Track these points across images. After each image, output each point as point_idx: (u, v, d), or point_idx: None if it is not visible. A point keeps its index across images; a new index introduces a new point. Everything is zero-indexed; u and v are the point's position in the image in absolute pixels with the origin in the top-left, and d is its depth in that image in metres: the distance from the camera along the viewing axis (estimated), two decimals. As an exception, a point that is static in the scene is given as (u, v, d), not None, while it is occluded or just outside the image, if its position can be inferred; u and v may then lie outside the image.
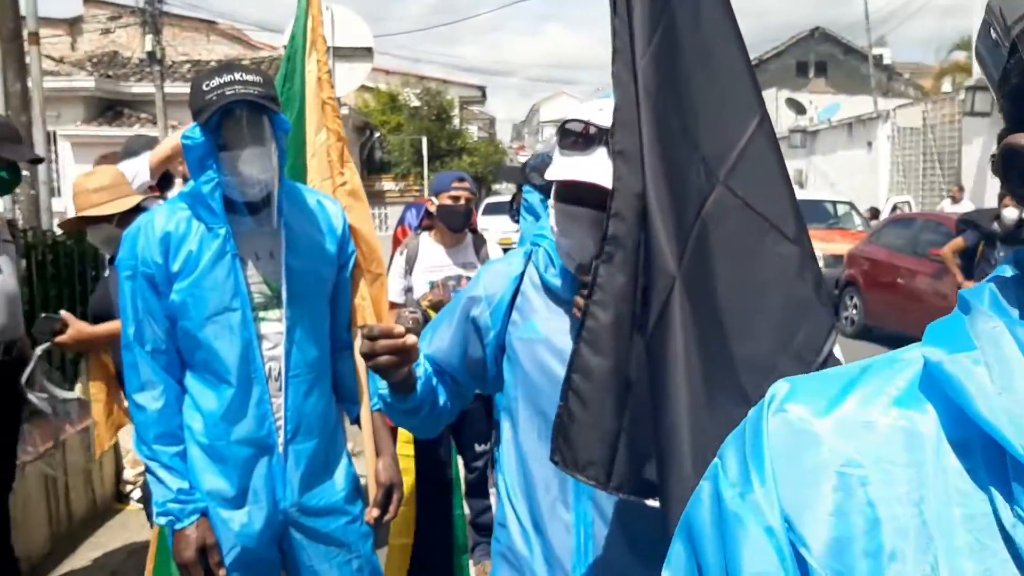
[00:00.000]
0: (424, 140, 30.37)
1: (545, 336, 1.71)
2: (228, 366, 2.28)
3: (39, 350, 3.41)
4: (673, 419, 1.34)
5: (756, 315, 1.44)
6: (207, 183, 2.23)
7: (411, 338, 1.57)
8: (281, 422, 2.35)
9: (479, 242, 4.37)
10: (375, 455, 2.56)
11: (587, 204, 1.61)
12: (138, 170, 4.39)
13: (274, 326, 2.33)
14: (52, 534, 4.68)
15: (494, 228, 11.40)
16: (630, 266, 1.43)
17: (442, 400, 1.85)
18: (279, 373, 2.33)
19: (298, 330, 2.35)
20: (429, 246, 4.25)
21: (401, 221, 4.80)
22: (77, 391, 3.79)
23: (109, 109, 20.97)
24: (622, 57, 1.48)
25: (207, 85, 2.19)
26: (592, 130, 1.62)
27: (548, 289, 1.74)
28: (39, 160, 3.75)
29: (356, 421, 2.63)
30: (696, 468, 1.31)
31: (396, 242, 4.58)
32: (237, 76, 2.20)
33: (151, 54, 18.46)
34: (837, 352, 1.51)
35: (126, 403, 3.48)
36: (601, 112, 1.61)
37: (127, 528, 4.99)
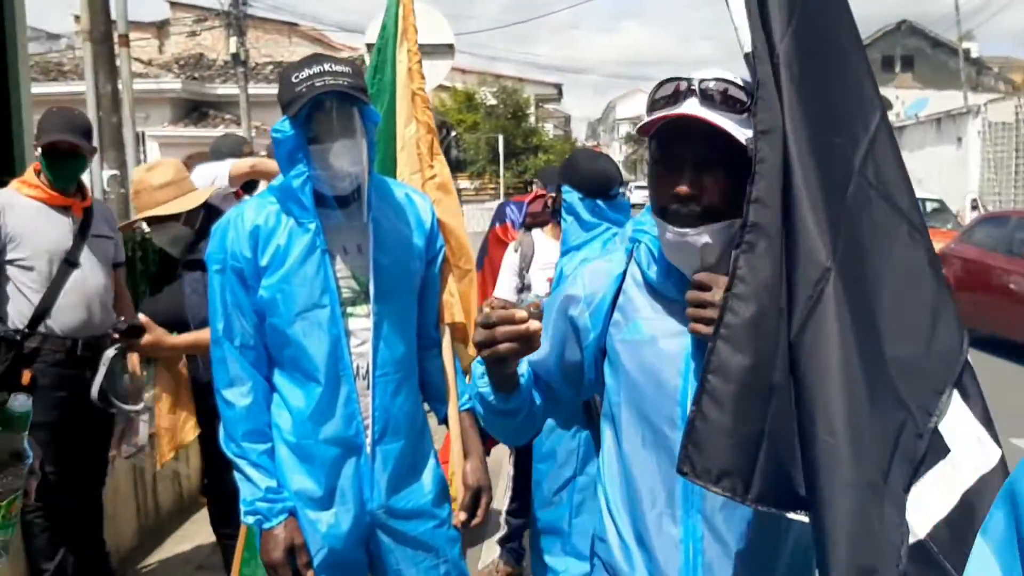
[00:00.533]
0: (500, 138, 30.42)
1: (650, 337, 1.61)
2: (317, 364, 2.24)
3: (106, 356, 3.23)
4: (830, 423, 1.24)
5: (901, 312, 1.34)
6: (297, 177, 2.20)
7: (534, 324, 1.46)
8: (368, 421, 2.30)
9: None
10: (463, 457, 2.49)
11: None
12: (218, 174, 4.45)
13: (362, 322, 2.28)
14: (140, 527, 4.76)
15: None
16: (774, 256, 1.33)
17: (537, 403, 1.75)
18: (367, 371, 2.29)
19: (386, 326, 2.30)
20: (544, 242, 4.06)
21: (501, 218, 4.68)
22: (147, 398, 3.72)
23: (195, 110, 21.48)
24: (758, 31, 1.40)
25: (296, 77, 2.16)
26: (683, 85, 1.53)
27: (652, 288, 1.64)
28: (93, 151, 3.63)
29: (443, 421, 2.57)
30: (858, 476, 1.22)
31: (496, 241, 4.49)
32: (326, 67, 2.16)
33: (235, 56, 18.85)
34: None
35: (192, 420, 3.35)
36: (697, 72, 1.54)
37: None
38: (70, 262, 3.62)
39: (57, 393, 3.55)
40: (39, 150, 3.53)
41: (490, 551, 4.49)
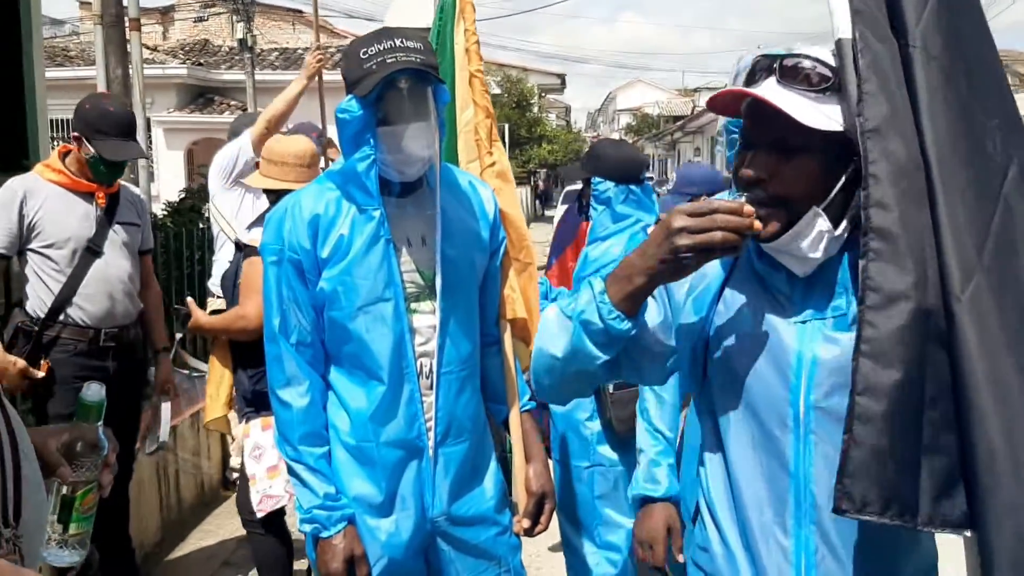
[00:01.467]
0: (505, 128, 30.31)
1: (760, 332, 1.49)
2: (380, 361, 2.11)
3: (179, 335, 3.59)
4: (987, 437, 1.15)
5: None
6: (363, 160, 2.05)
7: (758, 223, 1.33)
8: (431, 423, 2.17)
9: None
10: (525, 461, 2.36)
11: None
12: (241, 146, 4.37)
13: (426, 319, 2.15)
14: (163, 521, 4.67)
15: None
16: (907, 259, 1.23)
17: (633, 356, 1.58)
18: (430, 370, 2.15)
19: (452, 322, 2.16)
20: None
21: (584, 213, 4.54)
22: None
23: (200, 96, 21.30)
24: (867, 20, 1.30)
25: (365, 52, 2.00)
26: (764, 63, 1.44)
27: (760, 278, 1.52)
28: (143, 156, 3.69)
29: (503, 423, 2.44)
30: (1021, 495, 1.12)
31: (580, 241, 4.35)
32: (398, 42, 1.99)
33: (242, 42, 18.67)
34: None
35: (222, 399, 3.54)
36: (834, 56, 1.40)
37: (235, 516, 4.88)
38: (93, 250, 3.52)
39: (80, 384, 3.42)
40: (87, 146, 3.43)
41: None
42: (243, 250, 3.33)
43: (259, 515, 3.36)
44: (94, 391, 1.44)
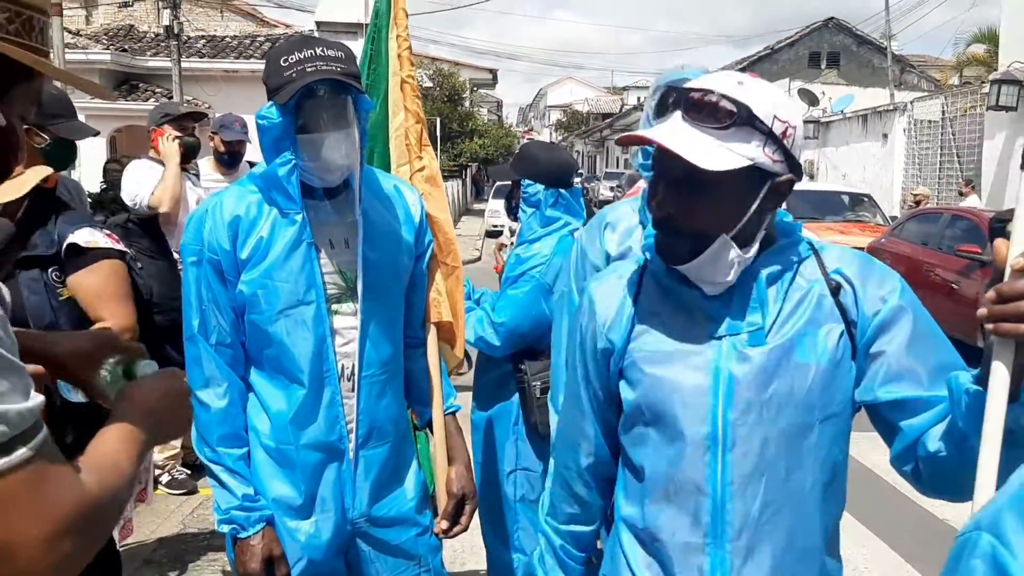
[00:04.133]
0: (437, 121, 30.26)
1: (675, 351, 1.51)
2: (300, 364, 2.12)
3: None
4: None
5: None
6: (283, 165, 2.07)
7: None
8: (352, 425, 2.19)
9: None
10: (447, 462, 2.39)
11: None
12: (140, 198, 4.49)
13: (348, 320, 2.17)
14: None
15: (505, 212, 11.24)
16: None
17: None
18: (352, 372, 2.17)
19: (373, 325, 2.19)
20: None
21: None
22: None
23: (124, 83, 20.81)
24: None
25: (285, 60, 2.01)
26: (672, 97, 1.46)
27: (675, 295, 1.54)
28: (95, 134, 3.54)
29: (426, 425, 2.47)
30: None
31: None
32: (319, 51, 2.02)
33: (168, 29, 18.31)
34: None
35: None
36: (741, 87, 1.43)
37: (157, 514, 4.87)
38: None
39: None
40: (40, 136, 3.33)
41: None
42: (80, 255, 2.58)
43: None
44: (151, 367, 1.53)
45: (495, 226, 15.48)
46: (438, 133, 29.80)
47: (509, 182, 3.27)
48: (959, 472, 1.33)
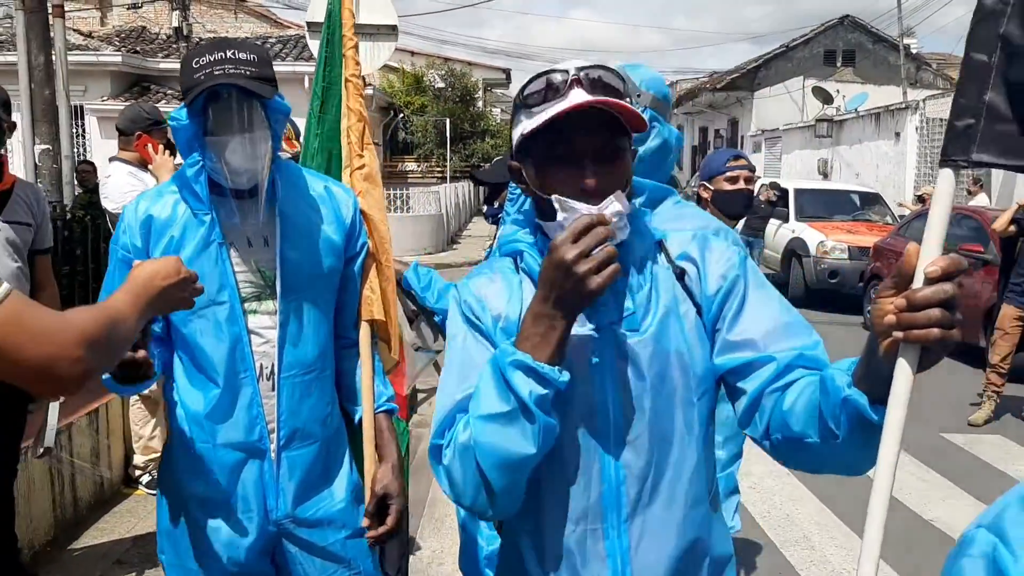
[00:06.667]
0: (448, 122, 30.26)
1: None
2: (215, 364, 2.12)
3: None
4: None
5: None
6: (191, 166, 2.10)
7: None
8: (274, 425, 2.18)
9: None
10: (375, 461, 2.35)
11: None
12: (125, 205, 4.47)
13: (266, 320, 2.16)
14: (56, 519, 4.58)
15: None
16: None
17: None
18: (271, 371, 2.16)
19: (293, 324, 2.18)
20: None
21: None
22: None
23: (136, 84, 20.93)
24: None
25: (197, 62, 2.02)
26: (560, 77, 1.45)
27: None
28: (12, 126, 3.44)
29: (359, 424, 2.41)
30: None
31: None
32: (229, 54, 2.01)
33: (178, 30, 18.44)
34: None
35: None
36: (614, 67, 1.49)
37: (135, 514, 4.92)
38: None
39: None
40: None
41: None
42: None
43: None
44: None
45: None
46: (448, 134, 29.85)
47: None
48: (820, 454, 1.40)
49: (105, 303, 1.63)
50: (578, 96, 1.43)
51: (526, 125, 1.48)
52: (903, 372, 1.21)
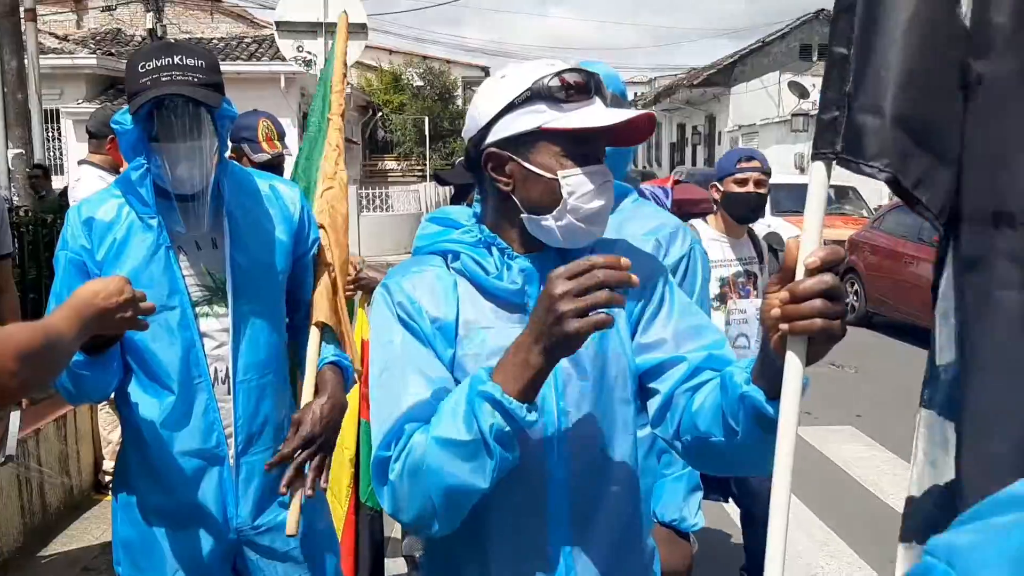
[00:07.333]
0: (427, 120, 30.23)
1: (498, 348, 1.41)
2: (168, 371, 2.09)
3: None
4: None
5: None
6: (136, 170, 2.06)
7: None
8: (231, 430, 2.15)
9: (751, 233, 3.87)
10: (312, 394, 2.21)
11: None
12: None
13: (218, 323, 2.13)
14: (26, 526, 4.52)
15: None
16: None
17: None
18: (226, 376, 2.13)
19: (246, 327, 2.14)
20: (711, 238, 3.64)
21: None
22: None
23: (111, 87, 20.77)
24: None
25: (143, 66, 1.98)
26: (589, 80, 1.46)
27: (491, 295, 1.51)
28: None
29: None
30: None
31: None
32: (177, 59, 1.98)
33: (152, 32, 18.33)
34: None
35: None
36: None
37: (104, 520, 4.81)
38: None
39: None
40: None
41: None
42: None
43: None
44: None
45: None
46: (428, 132, 29.82)
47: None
48: (724, 453, 1.42)
49: (44, 321, 1.67)
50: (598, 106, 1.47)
51: (556, 118, 1.43)
52: (793, 365, 1.22)
